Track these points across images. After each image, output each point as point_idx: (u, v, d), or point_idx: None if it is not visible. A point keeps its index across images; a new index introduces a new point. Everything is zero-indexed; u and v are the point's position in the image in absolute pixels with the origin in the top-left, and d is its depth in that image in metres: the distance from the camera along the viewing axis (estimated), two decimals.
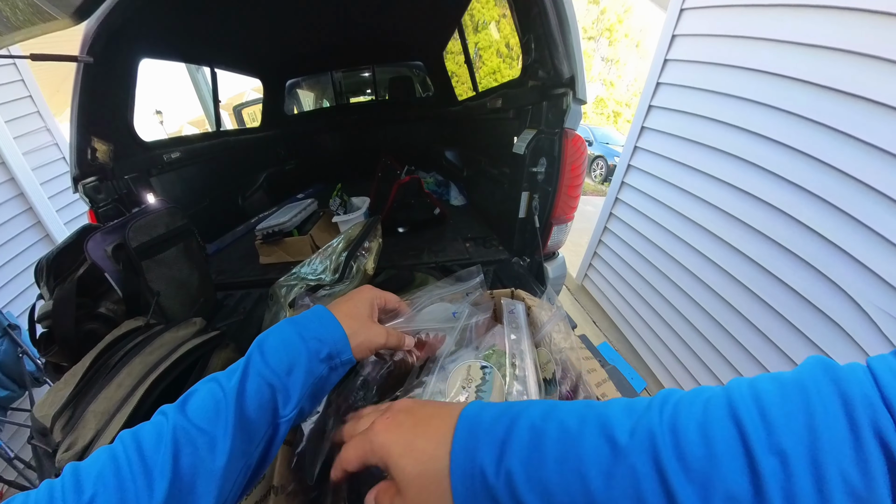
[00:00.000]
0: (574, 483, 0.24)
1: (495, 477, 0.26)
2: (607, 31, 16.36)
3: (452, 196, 2.20)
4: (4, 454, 1.75)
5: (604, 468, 0.23)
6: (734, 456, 0.21)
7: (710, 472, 0.21)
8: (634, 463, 0.23)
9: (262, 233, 1.48)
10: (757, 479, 0.20)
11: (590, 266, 3.02)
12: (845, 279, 1.38)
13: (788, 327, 1.57)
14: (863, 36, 1.29)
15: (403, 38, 2.54)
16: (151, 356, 0.71)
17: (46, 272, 1.02)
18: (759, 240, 1.68)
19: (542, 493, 0.25)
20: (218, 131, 2.47)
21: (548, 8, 1.02)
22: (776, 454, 0.20)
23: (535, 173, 1.21)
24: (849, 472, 0.19)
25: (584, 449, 0.25)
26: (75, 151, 1.27)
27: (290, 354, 0.42)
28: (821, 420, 0.20)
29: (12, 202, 2.26)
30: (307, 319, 0.46)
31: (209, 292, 1.22)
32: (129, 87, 1.52)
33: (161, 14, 1.48)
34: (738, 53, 1.75)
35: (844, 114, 1.36)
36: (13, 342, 1.95)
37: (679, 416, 0.23)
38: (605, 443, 0.24)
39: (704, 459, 0.21)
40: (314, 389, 0.43)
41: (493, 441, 0.28)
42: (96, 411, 0.63)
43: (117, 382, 0.66)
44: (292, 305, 0.76)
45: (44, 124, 2.51)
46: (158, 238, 1.05)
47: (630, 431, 0.24)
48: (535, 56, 1.18)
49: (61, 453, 0.58)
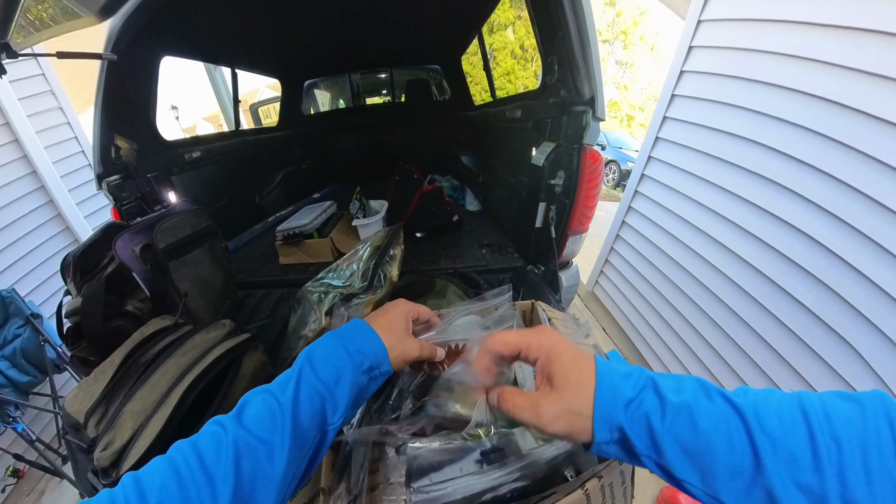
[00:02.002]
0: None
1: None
2: (622, 33, 16.24)
3: (468, 201, 2.22)
4: (27, 436, 1.81)
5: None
6: (800, 435, 0.29)
7: (784, 442, 0.29)
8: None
9: (283, 234, 1.51)
10: (817, 454, 0.28)
11: (601, 273, 3.01)
12: (856, 297, 1.37)
13: (798, 343, 1.56)
14: (877, 56, 1.29)
15: (423, 42, 2.55)
16: (184, 358, 0.74)
17: (73, 268, 1.05)
18: (771, 254, 1.67)
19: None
20: (237, 130, 2.51)
21: (572, 33, 1.04)
22: (833, 440, 0.28)
23: (552, 185, 1.23)
24: (890, 466, 0.26)
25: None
26: (99, 150, 1.29)
27: (337, 366, 0.45)
28: (871, 426, 0.28)
29: (34, 195, 2.31)
30: (350, 333, 0.49)
31: (232, 292, 1.25)
32: (151, 85, 1.54)
33: (184, 13, 1.50)
34: (754, 67, 1.74)
35: (859, 132, 1.35)
36: (35, 330, 2.00)
37: (759, 405, 0.32)
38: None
39: (780, 436, 0.29)
40: (356, 398, 0.46)
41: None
42: (133, 411, 0.65)
43: (152, 383, 0.69)
44: (329, 314, 0.79)
45: (66, 119, 2.57)
46: (185, 239, 1.08)
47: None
48: (558, 76, 1.19)
49: (100, 451, 0.61)
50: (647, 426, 0.33)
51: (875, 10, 1.29)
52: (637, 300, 2.56)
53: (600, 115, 1.09)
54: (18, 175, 2.24)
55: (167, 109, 8.98)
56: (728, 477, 0.30)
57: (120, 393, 0.72)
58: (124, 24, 1.20)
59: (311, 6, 1.76)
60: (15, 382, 1.88)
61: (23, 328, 1.98)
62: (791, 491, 0.28)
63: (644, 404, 0.34)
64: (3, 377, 1.85)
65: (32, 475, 2.06)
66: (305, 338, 0.94)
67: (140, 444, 0.61)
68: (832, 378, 1.46)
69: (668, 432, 0.32)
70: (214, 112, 12.25)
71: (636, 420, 0.34)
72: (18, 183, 2.24)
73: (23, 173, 2.26)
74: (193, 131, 14.36)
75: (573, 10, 1.02)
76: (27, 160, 2.27)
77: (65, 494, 1.98)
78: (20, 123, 2.21)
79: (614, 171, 8.36)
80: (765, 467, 0.29)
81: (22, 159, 2.26)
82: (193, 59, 2.00)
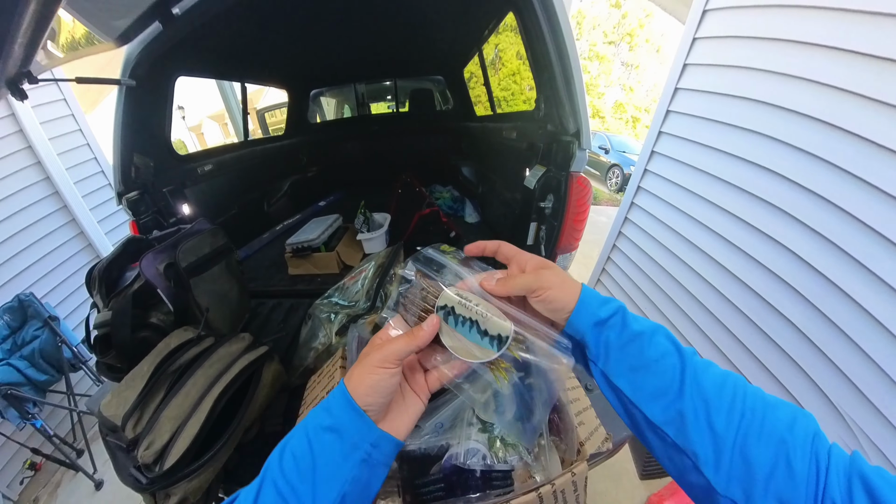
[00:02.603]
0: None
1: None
2: (628, 35, 16.24)
3: (467, 213, 2.30)
4: (45, 432, 1.94)
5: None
6: (724, 392, 0.37)
7: (706, 391, 0.37)
8: None
9: (293, 247, 1.61)
10: (731, 410, 0.35)
11: (598, 282, 3.05)
12: (842, 318, 1.41)
13: (786, 360, 1.60)
14: (873, 80, 1.32)
15: (427, 53, 2.62)
16: (211, 369, 0.84)
17: (99, 282, 1.14)
18: (761, 271, 1.70)
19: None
20: (246, 141, 2.59)
21: (557, 74, 1.13)
22: (744, 408, 0.36)
23: (542, 208, 1.32)
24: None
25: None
26: (119, 168, 1.35)
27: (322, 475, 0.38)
28: (790, 423, 0.34)
29: (47, 200, 2.40)
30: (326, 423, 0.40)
31: (246, 304, 1.35)
32: (167, 105, 1.59)
33: (199, 36, 1.52)
34: (763, 55, 1.73)
35: (850, 153, 1.38)
36: (53, 332, 2.10)
37: (699, 363, 0.39)
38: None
39: (707, 387, 0.37)
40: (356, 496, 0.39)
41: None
42: (169, 416, 0.76)
43: (184, 392, 0.79)
44: (340, 334, 0.88)
45: (77, 126, 2.65)
46: (204, 257, 1.17)
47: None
48: (545, 111, 1.29)
49: (143, 451, 0.71)
50: (605, 339, 0.41)
51: (869, 33, 1.33)
52: (632, 309, 2.55)
53: (585, 146, 1.18)
54: (33, 181, 2.32)
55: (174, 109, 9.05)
56: (653, 395, 0.38)
57: (153, 399, 0.82)
58: (141, 50, 1.24)
59: (319, 21, 1.82)
60: (33, 381, 1.99)
61: (41, 330, 2.09)
62: (702, 425, 0.35)
63: (609, 323, 0.41)
64: (23, 376, 1.95)
65: (48, 468, 2.16)
66: (315, 349, 1.03)
67: (179, 445, 0.72)
68: (816, 393, 1.50)
69: (621, 348, 0.40)
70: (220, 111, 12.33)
71: (599, 332, 0.42)
72: (33, 188, 2.33)
73: (36, 179, 2.34)
74: (199, 129, 14.43)
75: (558, 54, 1.11)
76: (41, 167, 2.34)
77: (80, 487, 2.08)
78: (33, 131, 2.29)
79: (617, 176, 8.32)
80: (685, 398, 0.36)
81: (35, 165, 2.33)
82: (206, 78, 2.08)
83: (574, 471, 0.58)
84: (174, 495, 0.73)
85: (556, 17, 1.09)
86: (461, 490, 0.61)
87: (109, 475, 2.07)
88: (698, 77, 2.10)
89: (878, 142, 1.31)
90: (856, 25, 1.37)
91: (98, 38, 1.04)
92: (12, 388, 1.83)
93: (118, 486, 0.81)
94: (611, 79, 16.80)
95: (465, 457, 0.60)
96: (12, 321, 2.02)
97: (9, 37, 0.54)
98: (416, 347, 0.42)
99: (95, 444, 2.19)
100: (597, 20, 16.22)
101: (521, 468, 0.62)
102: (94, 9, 0.80)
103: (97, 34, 1.03)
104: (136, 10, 0.91)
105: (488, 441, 0.62)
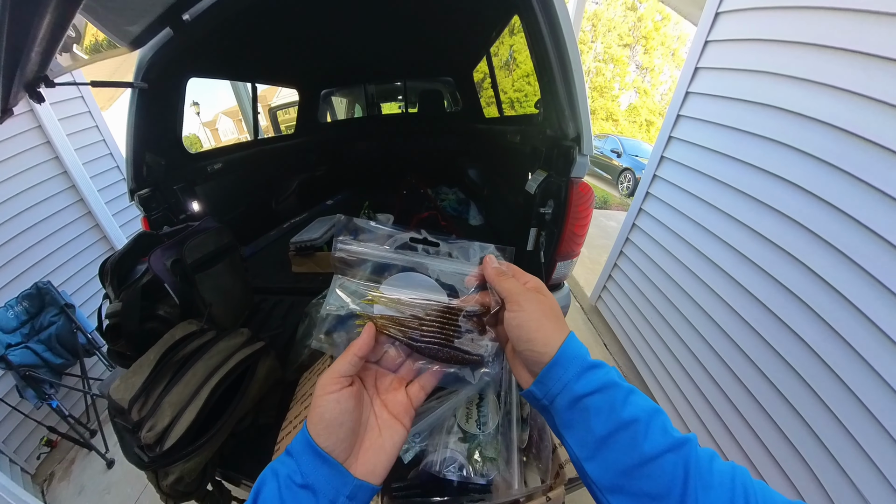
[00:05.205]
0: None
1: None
2: (643, 38, 16.06)
3: (471, 216, 2.30)
4: (60, 412, 2.05)
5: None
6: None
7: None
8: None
9: (296, 246, 1.65)
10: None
11: (604, 288, 2.98)
12: (858, 340, 1.30)
13: (796, 378, 1.50)
14: (894, 85, 1.24)
15: (437, 55, 2.63)
16: (210, 361, 0.90)
17: (111, 274, 1.20)
18: (772, 285, 1.61)
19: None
20: (256, 140, 2.63)
21: (556, 79, 1.13)
22: None
23: (542, 213, 1.32)
24: None
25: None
26: (132, 166, 1.39)
27: None
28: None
29: (64, 194, 2.49)
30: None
31: (249, 300, 1.39)
32: (179, 105, 1.62)
33: (211, 39, 1.56)
34: (777, 59, 1.66)
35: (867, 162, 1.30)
36: (68, 319, 2.19)
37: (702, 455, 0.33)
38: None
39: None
40: None
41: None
42: (171, 402, 0.82)
43: (185, 381, 0.85)
44: (328, 333, 0.91)
45: (94, 123, 2.74)
46: (209, 255, 1.22)
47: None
48: (546, 115, 1.29)
49: (145, 432, 0.77)
50: (586, 425, 0.34)
51: (891, 36, 1.24)
52: (638, 319, 2.51)
53: (586, 152, 1.17)
54: (51, 174, 2.41)
55: (189, 106, 9.24)
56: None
57: (157, 386, 0.87)
58: (153, 55, 1.26)
59: (330, 23, 1.85)
60: (50, 364, 2.08)
61: (57, 316, 2.17)
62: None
63: (591, 405, 0.35)
64: (40, 359, 2.05)
65: (63, 445, 2.27)
66: (310, 347, 1.07)
67: (178, 429, 0.79)
68: (828, 418, 1.38)
69: (607, 443, 0.34)
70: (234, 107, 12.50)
71: (576, 415, 0.35)
72: (51, 182, 2.41)
73: (55, 173, 2.43)
74: (213, 125, 14.66)
75: (558, 57, 1.10)
76: (58, 161, 2.43)
77: (93, 463, 2.18)
78: (52, 127, 2.37)
79: (629, 180, 8.23)
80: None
81: (54, 160, 2.42)
82: (218, 79, 2.13)
83: (550, 495, 0.57)
84: (172, 474, 0.80)
85: (556, 19, 1.08)
86: (437, 494, 0.62)
87: (120, 455, 2.14)
88: (710, 81, 2.05)
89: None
90: (875, 27, 1.29)
91: (114, 43, 1.09)
92: (31, 370, 1.94)
93: (128, 465, 0.87)
94: (626, 82, 16.65)
95: (442, 465, 0.60)
96: (31, 307, 2.11)
97: (27, 45, 0.57)
98: (357, 358, 0.39)
99: (108, 425, 2.28)
100: (612, 22, 16.08)
101: (499, 483, 0.61)
102: (107, 15, 0.84)
103: (112, 39, 1.08)
104: (147, 17, 0.95)
105: (467, 452, 0.62)
